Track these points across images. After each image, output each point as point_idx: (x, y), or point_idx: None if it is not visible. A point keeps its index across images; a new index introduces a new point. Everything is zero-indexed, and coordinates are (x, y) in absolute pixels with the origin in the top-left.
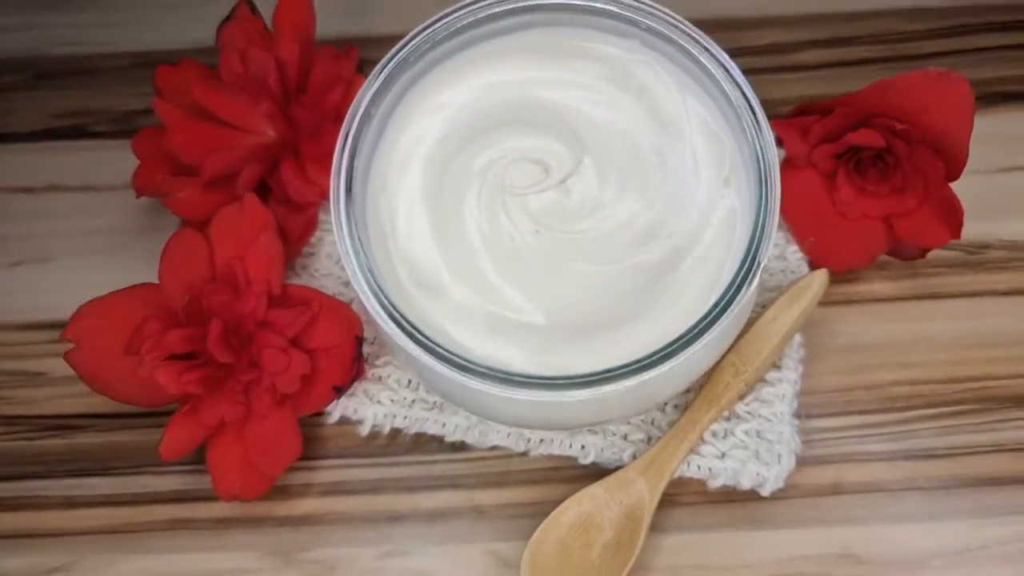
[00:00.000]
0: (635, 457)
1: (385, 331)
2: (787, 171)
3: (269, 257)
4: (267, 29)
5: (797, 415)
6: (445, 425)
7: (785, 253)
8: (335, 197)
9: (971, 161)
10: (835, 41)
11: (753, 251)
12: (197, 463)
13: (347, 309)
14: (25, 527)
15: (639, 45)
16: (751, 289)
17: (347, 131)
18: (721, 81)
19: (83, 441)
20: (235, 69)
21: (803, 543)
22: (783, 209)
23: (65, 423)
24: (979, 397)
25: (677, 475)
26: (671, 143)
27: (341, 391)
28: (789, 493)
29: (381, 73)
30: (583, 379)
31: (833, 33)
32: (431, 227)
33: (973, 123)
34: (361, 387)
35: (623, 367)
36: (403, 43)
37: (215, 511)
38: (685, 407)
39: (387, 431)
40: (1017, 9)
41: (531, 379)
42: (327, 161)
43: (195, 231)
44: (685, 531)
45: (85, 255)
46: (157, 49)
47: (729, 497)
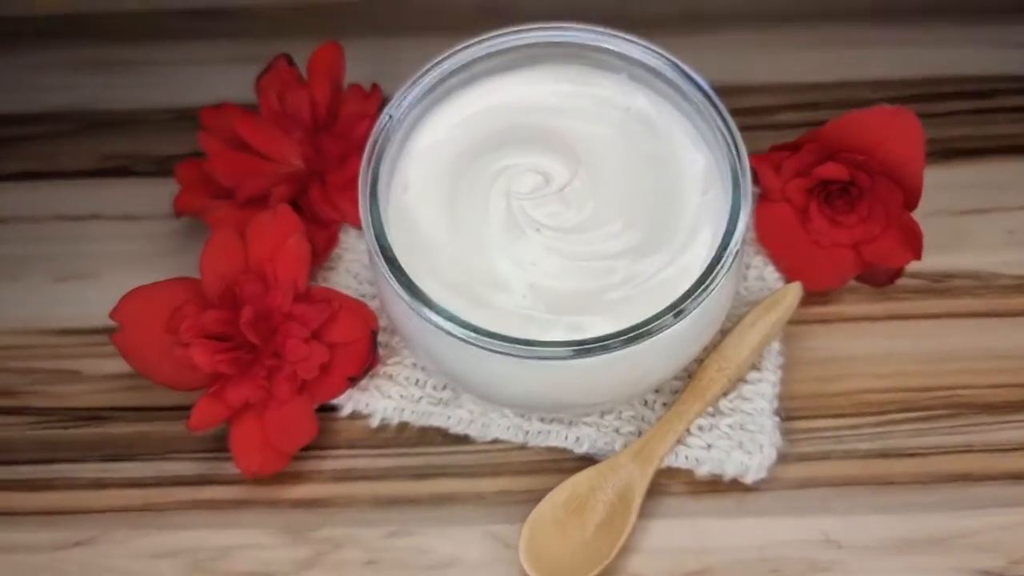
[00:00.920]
0: (626, 447)
1: (390, 288)
2: (763, 204)
3: (296, 258)
4: (301, 78)
5: (777, 414)
6: (450, 418)
7: (764, 274)
8: (363, 193)
9: (932, 204)
10: (807, 105)
11: (727, 239)
12: (217, 451)
13: (364, 308)
14: (54, 505)
15: (627, 78)
16: (727, 270)
17: (376, 137)
18: (699, 105)
19: (112, 431)
20: (272, 106)
21: (785, 530)
22: (760, 237)
23: (96, 415)
24: (949, 404)
25: (665, 465)
26: (657, 156)
27: (355, 380)
28: (771, 485)
29: (410, 90)
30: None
31: (806, 99)
32: (447, 225)
33: (925, 154)
34: (373, 383)
35: (615, 335)
36: (426, 69)
37: (232, 493)
38: (673, 403)
39: (395, 424)
40: (966, 80)
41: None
42: (350, 188)
43: (234, 232)
44: (673, 517)
45: (123, 272)
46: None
47: (715, 488)
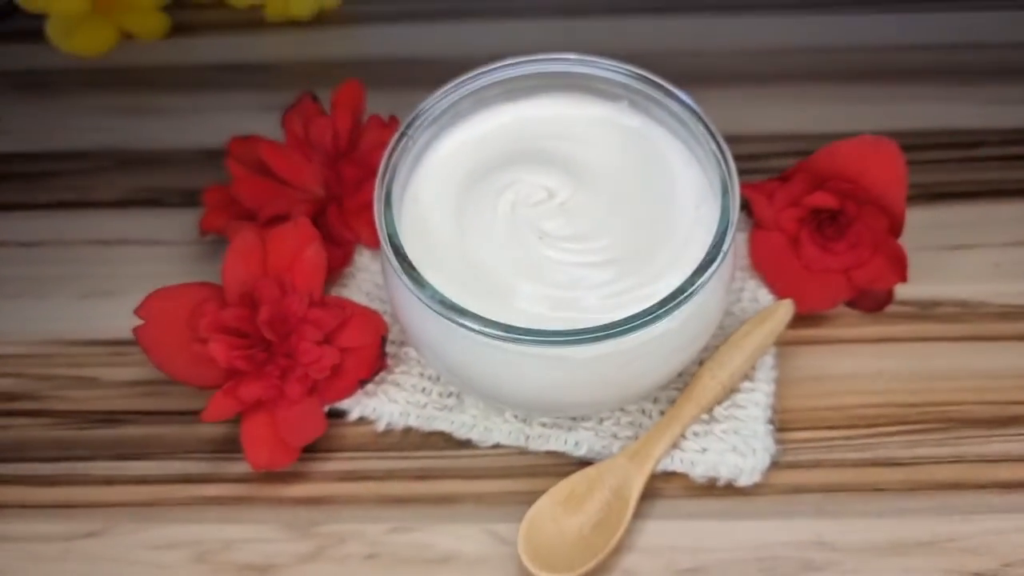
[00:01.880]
0: (624, 449)
1: (398, 282)
2: (757, 233)
3: (313, 267)
4: (325, 113)
5: (770, 422)
6: (453, 423)
7: (757, 296)
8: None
9: (920, 240)
10: (797, 153)
11: (719, 239)
12: (226, 451)
13: (375, 315)
14: (65, 499)
15: (627, 105)
16: (719, 269)
17: (391, 151)
18: (692, 127)
19: (126, 432)
20: (297, 134)
21: (779, 532)
22: (754, 262)
23: (111, 417)
24: (939, 418)
25: (661, 469)
26: (654, 175)
27: (364, 383)
28: (765, 490)
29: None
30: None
31: (796, 148)
32: (458, 234)
33: (907, 183)
34: (380, 389)
35: (610, 325)
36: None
37: (237, 491)
38: (668, 410)
39: (400, 428)
40: (951, 133)
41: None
42: (365, 211)
43: (256, 237)
44: (669, 519)
45: (146, 290)
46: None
47: (710, 491)
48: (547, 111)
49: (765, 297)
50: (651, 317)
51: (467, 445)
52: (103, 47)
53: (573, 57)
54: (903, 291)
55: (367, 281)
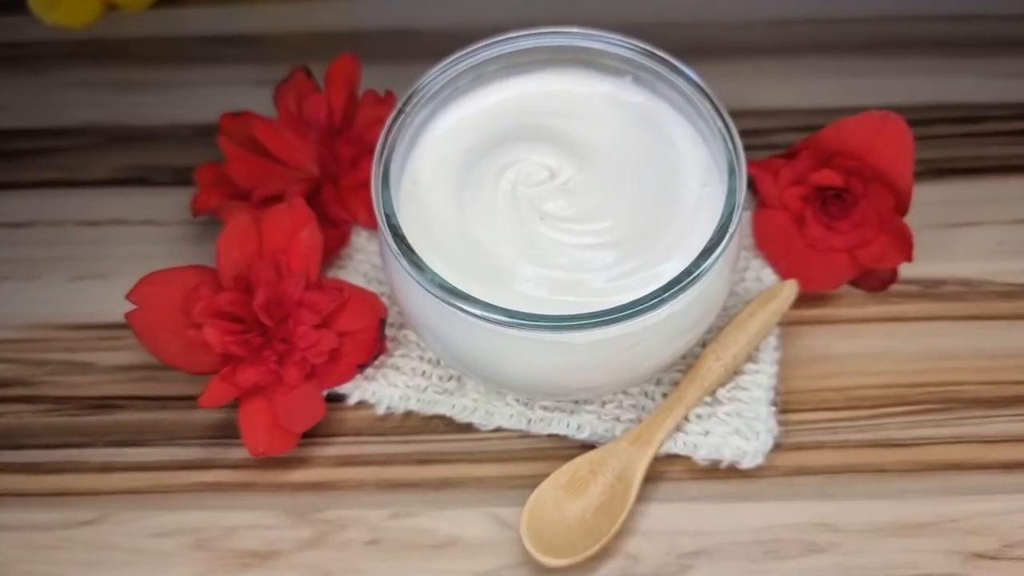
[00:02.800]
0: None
1: (397, 265)
2: (761, 211)
3: (309, 249)
4: (319, 88)
5: (773, 403)
6: (455, 406)
7: (761, 275)
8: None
9: (924, 218)
10: (804, 128)
11: (725, 220)
12: (225, 437)
13: (374, 298)
14: (62, 487)
15: (631, 81)
16: (725, 251)
17: (388, 130)
18: (698, 104)
19: (122, 418)
20: (290, 111)
21: (782, 514)
22: (757, 242)
23: (107, 403)
24: (941, 399)
25: (664, 452)
26: (659, 154)
27: (363, 368)
28: (768, 472)
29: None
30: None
31: (802, 122)
32: (457, 214)
33: (914, 159)
34: (380, 373)
35: (612, 311)
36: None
37: (237, 477)
38: (671, 392)
39: (400, 412)
40: (956, 107)
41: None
42: (362, 190)
43: (251, 219)
44: (671, 501)
45: (139, 272)
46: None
47: (713, 474)
48: (549, 87)
49: (769, 277)
50: (655, 301)
51: (468, 429)
52: (87, 19)
53: (576, 31)
54: (907, 270)
55: (364, 262)
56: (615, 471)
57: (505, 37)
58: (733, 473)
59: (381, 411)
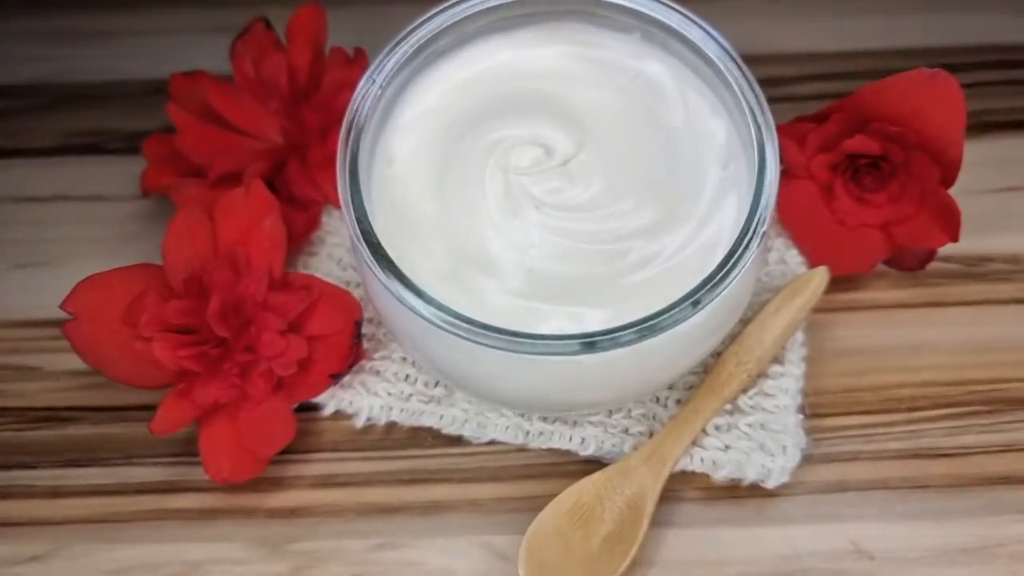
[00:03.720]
0: (636, 449)
1: (373, 277)
2: (784, 181)
3: (272, 242)
4: (280, 43)
5: (801, 410)
6: (443, 418)
7: (785, 257)
8: (341, 166)
9: (968, 182)
10: (832, 76)
11: (753, 216)
12: (187, 454)
13: (347, 296)
14: (7, 515)
15: (640, 39)
16: (753, 253)
17: (356, 105)
18: (720, 65)
19: (73, 433)
20: (247, 74)
21: (811, 539)
22: (782, 217)
23: (55, 415)
24: (987, 399)
25: (680, 468)
26: (673, 127)
27: (338, 378)
28: (795, 489)
29: (392, 53)
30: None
31: (830, 69)
32: (437, 202)
33: (965, 123)
34: (358, 379)
35: (628, 326)
36: (411, 29)
37: (203, 501)
38: (687, 401)
39: (383, 424)
40: (1004, 49)
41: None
42: (332, 164)
43: (201, 211)
44: (689, 526)
45: (87, 259)
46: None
47: (734, 493)
48: (544, 48)
49: (794, 259)
50: (675, 313)
51: (459, 442)
52: None
53: None
54: (947, 246)
55: (338, 246)
56: (625, 497)
57: None
58: (756, 491)
59: (360, 423)
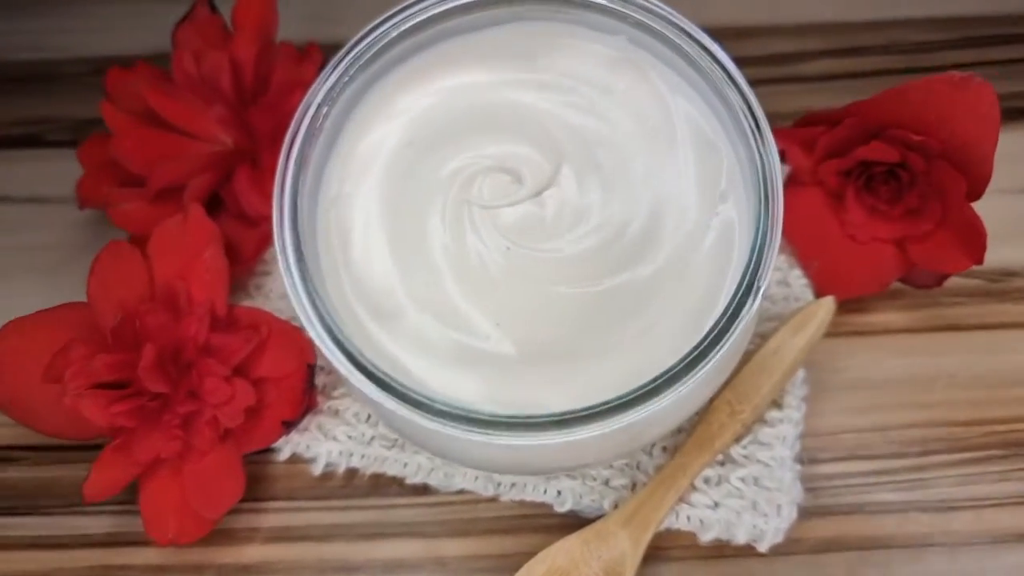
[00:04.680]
0: (617, 506)
1: (333, 362)
2: (790, 188)
3: (213, 276)
4: (227, 29)
5: (799, 460)
6: (407, 465)
7: (788, 278)
8: (278, 209)
9: (993, 179)
10: (846, 51)
11: (752, 273)
12: (133, 502)
13: (300, 335)
14: None
15: (626, 42)
16: (749, 315)
17: (294, 134)
18: (717, 82)
19: (11, 476)
20: (188, 70)
21: None
22: (786, 230)
23: None
24: (1005, 442)
25: (664, 527)
26: (659, 153)
27: (291, 426)
28: (790, 548)
29: (335, 69)
30: (556, 419)
31: (844, 43)
32: (389, 244)
33: (998, 135)
34: (315, 421)
35: (601, 405)
36: (360, 36)
37: (150, 557)
38: (674, 449)
39: (342, 471)
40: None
41: (497, 419)
42: None
43: (131, 244)
44: None
45: (24, 274)
46: (118, 54)
47: (722, 552)
48: (516, 51)
49: (797, 281)
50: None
51: (424, 491)
52: None
53: None
54: None
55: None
56: (603, 562)
57: None
58: (747, 550)
59: (318, 471)
